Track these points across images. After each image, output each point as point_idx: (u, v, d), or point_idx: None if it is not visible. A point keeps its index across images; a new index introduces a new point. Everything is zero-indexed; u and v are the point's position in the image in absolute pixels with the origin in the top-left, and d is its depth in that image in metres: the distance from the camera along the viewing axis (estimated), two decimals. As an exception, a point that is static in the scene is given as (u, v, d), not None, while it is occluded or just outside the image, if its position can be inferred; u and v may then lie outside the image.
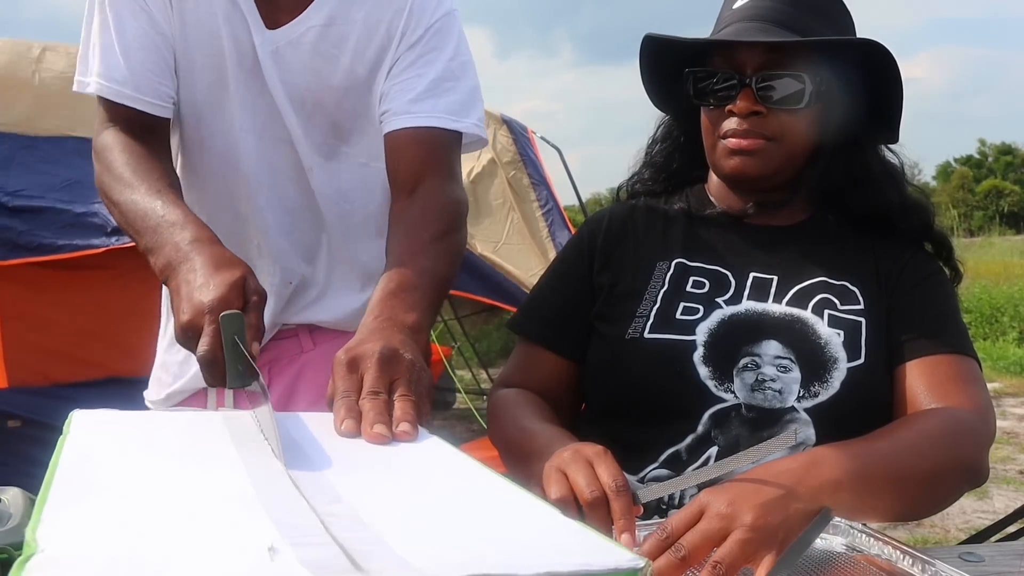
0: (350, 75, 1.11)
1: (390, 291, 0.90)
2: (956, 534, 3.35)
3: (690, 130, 1.14)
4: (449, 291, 1.03)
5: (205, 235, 0.91)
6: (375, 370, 0.76)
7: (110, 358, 3.03)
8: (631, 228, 1.14)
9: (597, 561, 0.38)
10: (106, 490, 0.48)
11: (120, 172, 1.01)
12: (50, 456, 0.58)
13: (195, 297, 0.82)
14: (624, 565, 0.37)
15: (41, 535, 0.39)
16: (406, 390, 0.75)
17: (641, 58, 1.13)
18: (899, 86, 1.05)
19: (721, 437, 0.96)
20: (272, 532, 0.41)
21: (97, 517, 0.43)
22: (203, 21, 1.08)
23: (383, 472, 0.59)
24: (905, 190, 1.10)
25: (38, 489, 0.62)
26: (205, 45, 1.09)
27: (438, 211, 1.04)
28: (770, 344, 0.99)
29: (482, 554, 0.39)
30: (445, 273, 0.99)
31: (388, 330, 0.83)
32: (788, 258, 1.07)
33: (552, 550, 0.41)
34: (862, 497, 0.78)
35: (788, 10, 1.03)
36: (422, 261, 0.96)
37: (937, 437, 0.87)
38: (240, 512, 0.45)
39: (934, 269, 1.08)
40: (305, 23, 1.08)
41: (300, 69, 1.10)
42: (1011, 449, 4.67)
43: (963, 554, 0.84)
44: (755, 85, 1.01)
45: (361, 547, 0.39)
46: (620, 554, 0.39)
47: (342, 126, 1.14)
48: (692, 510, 0.71)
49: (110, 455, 0.56)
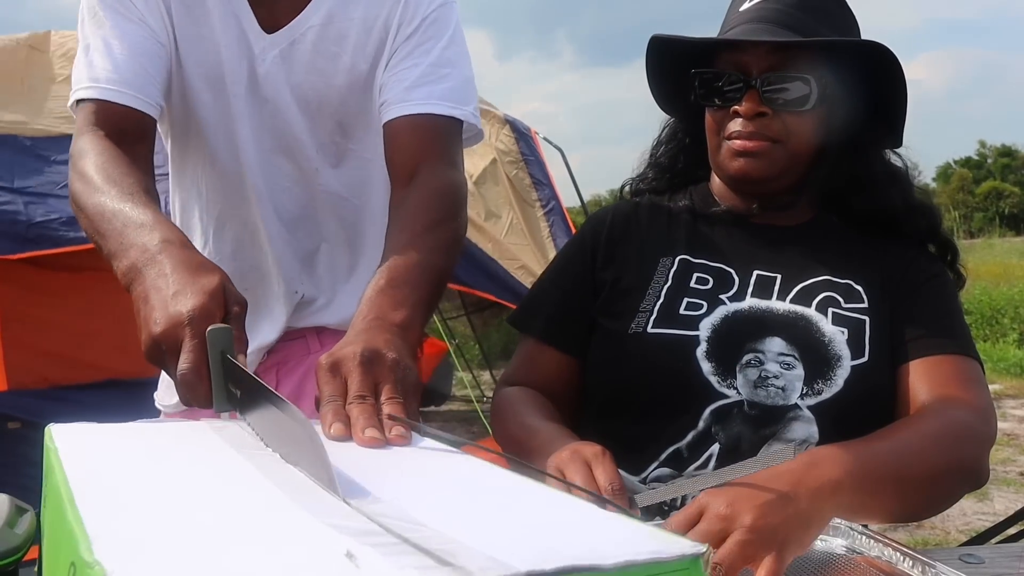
0: (352, 72, 1.11)
1: (379, 288, 0.88)
2: (956, 536, 3.35)
3: (695, 131, 1.14)
4: (447, 282, 1.00)
5: (176, 237, 0.83)
6: (358, 374, 0.72)
7: (110, 360, 3.04)
8: (635, 225, 1.14)
9: (666, 549, 0.38)
10: (138, 505, 0.46)
11: (91, 176, 0.94)
12: (49, 458, 0.57)
13: (170, 306, 0.74)
14: (689, 552, 0.38)
15: (100, 554, 0.35)
16: (392, 392, 0.72)
17: (647, 58, 1.13)
18: (903, 88, 1.05)
19: (722, 434, 0.96)
20: (337, 537, 0.39)
21: (145, 533, 0.40)
22: (201, 39, 1.08)
23: (406, 475, 0.58)
24: (910, 192, 1.10)
25: (36, 490, 0.61)
26: (204, 63, 1.09)
27: (434, 199, 1.01)
28: (774, 341, 0.99)
29: (554, 548, 0.38)
30: (440, 264, 0.95)
31: (373, 330, 0.79)
32: (792, 257, 1.07)
33: (617, 542, 0.40)
34: (862, 498, 0.78)
35: (794, 12, 1.04)
36: (414, 254, 0.92)
37: (938, 439, 0.87)
38: (290, 520, 0.43)
39: (938, 270, 1.08)
40: (304, 23, 1.09)
41: (303, 69, 1.10)
42: (1011, 451, 4.67)
43: (963, 556, 0.84)
44: (760, 87, 1.01)
45: (436, 545, 0.38)
46: (682, 542, 0.39)
47: (347, 124, 1.14)
48: (691, 511, 0.71)
49: (120, 468, 0.54)
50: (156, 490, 0.49)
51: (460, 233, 1.04)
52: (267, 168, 1.14)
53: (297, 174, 1.15)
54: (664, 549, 0.38)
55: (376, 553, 0.37)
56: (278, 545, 0.39)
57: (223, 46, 1.08)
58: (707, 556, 0.38)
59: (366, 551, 0.37)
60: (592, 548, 0.39)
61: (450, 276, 1.00)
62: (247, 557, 0.37)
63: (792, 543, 0.69)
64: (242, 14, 1.07)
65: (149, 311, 0.75)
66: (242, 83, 1.10)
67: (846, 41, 1.05)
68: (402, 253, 0.92)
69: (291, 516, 0.44)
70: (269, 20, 1.08)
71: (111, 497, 0.46)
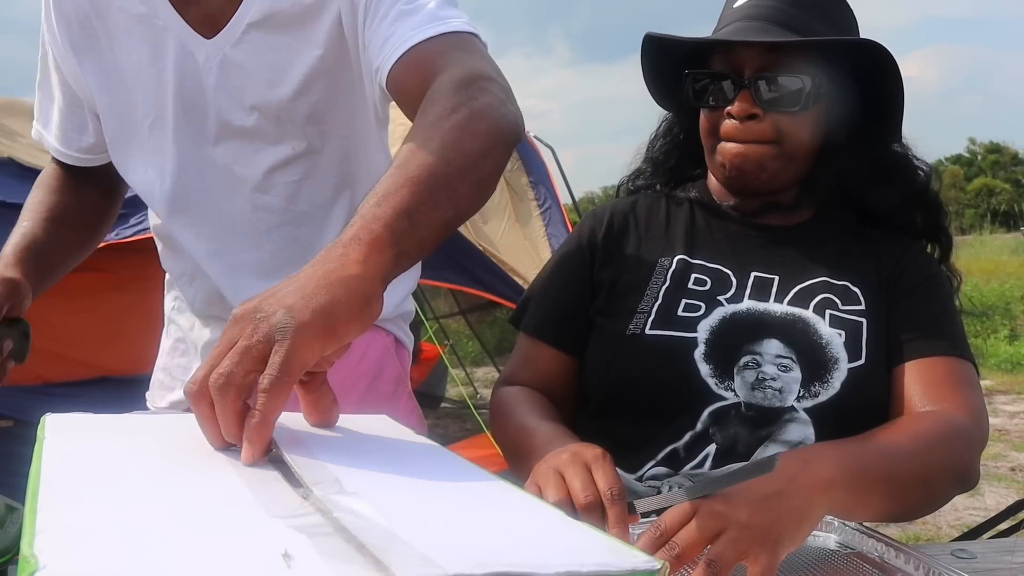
0: (309, 58, 1.02)
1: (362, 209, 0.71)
2: (948, 531, 3.37)
3: (690, 128, 1.14)
4: (485, 166, 0.79)
5: (7, 260, 1.05)
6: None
7: (102, 358, 3.03)
8: (633, 224, 1.14)
9: (615, 562, 0.37)
10: (97, 498, 0.46)
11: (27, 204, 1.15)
12: (41, 457, 0.57)
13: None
14: (641, 567, 0.37)
15: (39, 548, 0.37)
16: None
17: (642, 57, 1.12)
18: (899, 86, 1.04)
19: (719, 435, 0.96)
20: (282, 534, 0.40)
21: (93, 527, 0.41)
22: (135, 68, 1.05)
23: (377, 472, 0.58)
24: (912, 188, 1.09)
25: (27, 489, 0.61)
26: (143, 91, 1.05)
27: (443, 90, 0.84)
28: (771, 343, 0.99)
29: (498, 551, 0.38)
30: (460, 150, 0.76)
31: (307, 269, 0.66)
32: (789, 258, 1.07)
33: (566, 550, 0.40)
34: (855, 496, 0.78)
35: (789, 9, 1.03)
36: (421, 155, 0.75)
37: (930, 441, 0.87)
38: (242, 515, 0.44)
39: (934, 271, 1.07)
40: (242, 20, 1.01)
41: (256, 68, 1.02)
42: (1003, 446, 4.70)
43: (955, 551, 0.85)
44: (752, 87, 1.01)
45: (376, 541, 0.38)
46: (637, 556, 0.38)
47: (318, 107, 1.05)
48: (686, 508, 0.71)
49: (94, 460, 0.54)
50: (122, 483, 0.50)
51: (489, 106, 0.83)
52: (219, 187, 1.09)
53: (242, 189, 1.08)
54: (613, 562, 0.37)
55: (315, 553, 0.37)
56: (221, 542, 0.40)
57: (170, 69, 1.03)
58: (662, 573, 0.37)
59: (306, 551, 0.38)
60: (536, 555, 0.38)
61: (484, 156, 0.80)
62: (186, 553, 0.38)
63: (785, 540, 0.70)
64: (178, 30, 1.01)
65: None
66: (183, 103, 1.04)
67: (839, 40, 1.05)
68: (407, 159, 0.75)
69: (245, 512, 0.45)
70: (206, 27, 1.01)
71: (76, 489, 0.47)
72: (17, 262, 1.06)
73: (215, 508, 0.46)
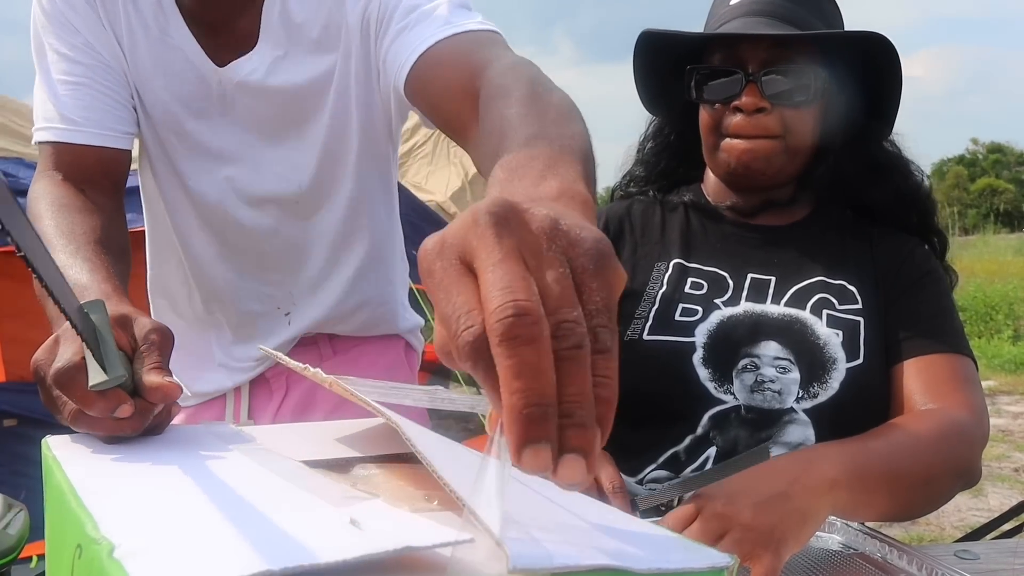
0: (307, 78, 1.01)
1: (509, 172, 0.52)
2: (952, 532, 3.36)
3: (682, 130, 1.14)
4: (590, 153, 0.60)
5: (109, 295, 0.78)
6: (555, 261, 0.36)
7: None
8: (628, 229, 1.13)
9: (696, 559, 0.38)
10: (143, 487, 0.46)
11: (41, 228, 0.88)
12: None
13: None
14: (719, 563, 0.38)
15: (106, 531, 0.36)
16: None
17: (636, 55, 1.11)
18: (899, 80, 1.05)
19: (720, 438, 0.96)
20: (342, 509, 0.40)
21: (151, 510, 0.41)
22: (159, 66, 1.00)
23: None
24: (908, 182, 1.09)
25: (31, 488, 0.61)
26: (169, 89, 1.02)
27: (514, 78, 0.74)
28: (769, 345, 0.99)
29: (590, 544, 0.38)
30: (571, 131, 0.62)
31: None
32: (786, 258, 1.07)
33: (650, 548, 0.40)
34: (857, 496, 0.78)
35: (787, 5, 1.03)
36: (529, 129, 0.61)
37: (932, 440, 0.87)
38: (293, 496, 0.44)
39: (931, 268, 1.07)
40: (259, 57, 1.00)
41: (266, 100, 1.01)
42: (1006, 447, 4.69)
43: (959, 552, 0.84)
44: (760, 81, 1.01)
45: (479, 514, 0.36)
46: (713, 552, 0.39)
47: (304, 110, 1.03)
48: (688, 509, 0.71)
49: (119, 461, 0.54)
50: (160, 476, 0.50)
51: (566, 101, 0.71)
52: (219, 200, 1.07)
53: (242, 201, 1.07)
54: (694, 558, 0.38)
55: (382, 519, 0.39)
56: (287, 515, 0.40)
57: (186, 77, 1.00)
58: (733, 567, 0.38)
59: (372, 517, 0.38)
60: (625, 551, 0.38)
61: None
62: (253, 524, 0.38)
63: (789, 541, 0.70)
64: (193, 55, 1.00)
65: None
66: (201, 117, 1.02)
67: (846, 34, 1.05)
68: (527, 137, 0.59)
69: (293, 495, 0.45)
70: (219, 56, 0.99)
71: (111, 486, 0.47)
72: (121, 295, 0.83)
73: (264, 492, 0.46)
